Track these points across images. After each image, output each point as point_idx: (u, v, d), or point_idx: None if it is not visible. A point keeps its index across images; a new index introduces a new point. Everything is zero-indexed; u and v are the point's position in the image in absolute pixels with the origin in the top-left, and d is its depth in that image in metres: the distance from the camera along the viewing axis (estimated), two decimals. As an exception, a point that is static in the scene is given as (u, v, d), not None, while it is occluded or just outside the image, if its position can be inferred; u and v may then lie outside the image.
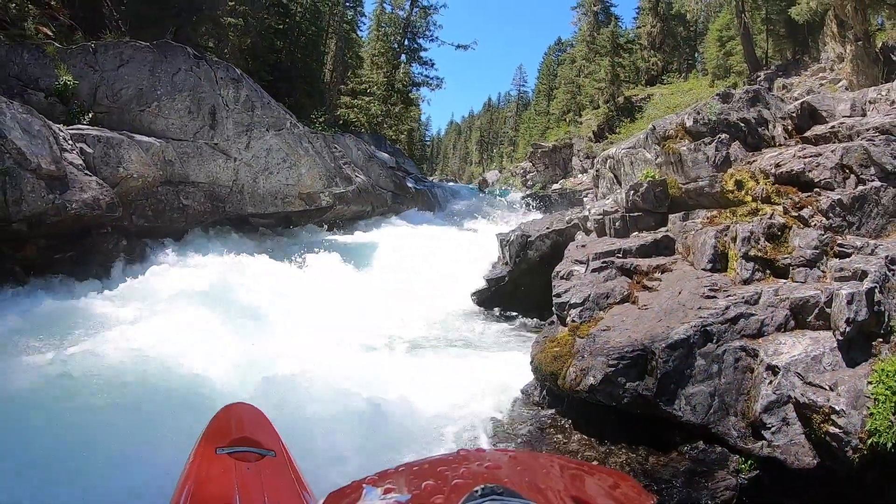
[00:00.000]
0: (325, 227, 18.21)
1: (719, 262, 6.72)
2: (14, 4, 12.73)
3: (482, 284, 11.31)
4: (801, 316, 5.55)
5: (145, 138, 12.67)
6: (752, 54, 33.36)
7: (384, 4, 42.74)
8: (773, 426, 4.91)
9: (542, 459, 1.57)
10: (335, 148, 19.67)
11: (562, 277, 7.75)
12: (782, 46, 32.95)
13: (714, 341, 5.50)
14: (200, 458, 3.27)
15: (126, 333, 7.28)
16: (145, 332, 7.28)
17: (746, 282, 6.27)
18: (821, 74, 26.28)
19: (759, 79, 29.14)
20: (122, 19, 16.90)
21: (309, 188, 16.23)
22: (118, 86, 13.06)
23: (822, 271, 6.01)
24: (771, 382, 5.08)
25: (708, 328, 5.54)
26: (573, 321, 6.73)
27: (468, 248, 14.06)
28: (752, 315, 5.63)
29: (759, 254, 6.37)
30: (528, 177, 50.20)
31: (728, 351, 5.43)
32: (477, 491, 1.28)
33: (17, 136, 9.53)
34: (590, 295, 6.90)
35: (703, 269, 6.75)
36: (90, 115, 12.29)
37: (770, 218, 6.61)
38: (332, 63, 36.94)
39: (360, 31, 44.46)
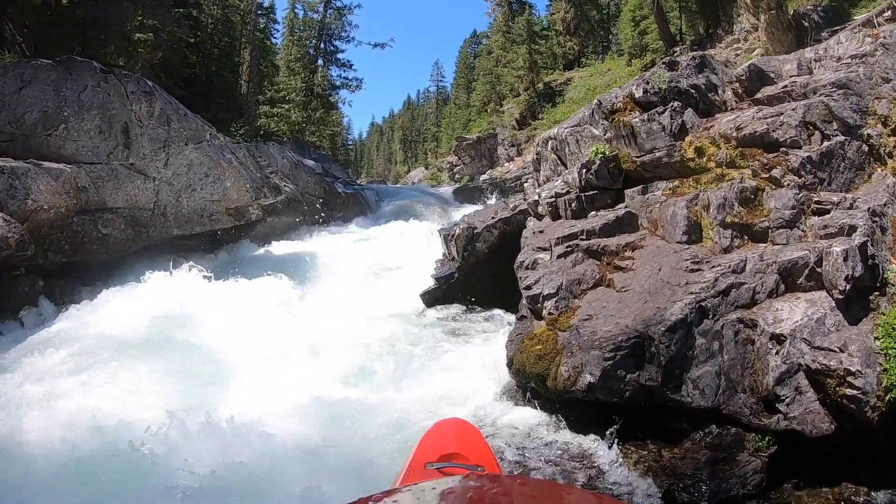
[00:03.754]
0: (258, 242, 17.49)
1: (693, 232, 6.46)
2: None
3: (431, 284, 10.83)
4: (791, 279, 5.36)
5: (54, 165, 11.67)
6: (667, 31, 33.72)
7: (296, 9, 41.95)
8: (786, 397, 4.72)
9: (558, 489, 1.52)
10: (260, 158, 18.94)
11: (527, 268, 7.37)
12: (695, 21, 33.27)
13: (710, 317, 5.25)
14: (410, 473, 3.36)
15: (54, 390, 6.70)
16: (75, 387, 6.74)
17: (727, 250, 6.05)
18: (735, 46, 26.53)
19: (675, 54, 29.35)
20: (25, 42, 15.97)
21: (236, 202, 15.38)
22: (20, 110, 11.96)
23: (803, 231, 5.84)
24: (778, 352, 4.86)
25: (703, 304, 5.29)
26: (549, 313, 6.35)
27: (409, 249, 13.62)
28: (743, 284, 5.39)
29: (736, 220, 6.16)
30: (455, 170, 50.31)
31: (726, 325, 5.19)
32: None
33: None
34: (562, 283, 6.55)
35: (677, 242, 6.47)
36: (-3, 146, 11.28)
37: (741, 182, 6.42)
38: (247, 73, 36.03)
39: (274, 38, 43.77)
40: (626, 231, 7.33)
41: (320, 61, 39.18)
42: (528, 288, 6.82)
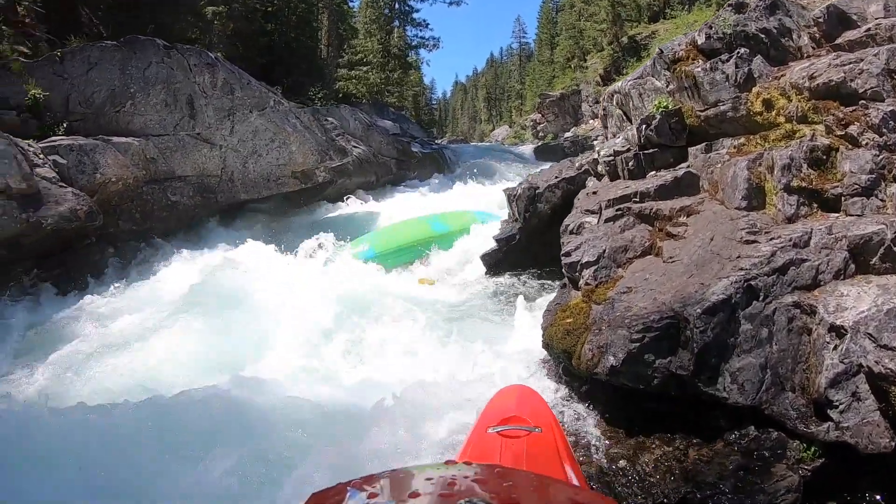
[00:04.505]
0: (329, 202, 17.31)
1: (755, 197, 5.59)
2: (-15, 30, 11.97)
3: (492, 245, 10.24)
4: (864, 258, 4.51)
5: (123, 139, 11.85)
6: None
7: (370, -30, 41.23)
8: (840, 403, 3.89)
9: (531, 477, 1.52)
10: (326, 121, 18.65)
11: (571, 232, 6.79)
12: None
13: (761, 298, 4.43)
14: (473, 437, 3.49)
15: (128, 348, 6.94)
16: (148, 346, 6.95)
17: (791, 219, 5.19)
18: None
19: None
20: (102, 24, 16.16)
21: (302, 165, 15.28)
22: (89, 90, 12.16)
23: (882, 200, 4.92)
24: (836, 348, 4.03)
25: (752, 282, 4.47)
26: (587, 284, 5.68)
27: (478, 208, 13.22)
28: (805, 261, 4.55)
29: (803, 184, 5.26)
30: (538, 128, 49.18)
31: (779, 309, 4.35)
32: (470, 501, 1.20)
33: None
34: (605, 250, 5.86)
35: (736, 208, 5.64)
36: (65, 125, 11.49)
37: (811, 140, 5.47)
38: (327, 38, 35.83)
39: (351, 1, 42.93)
40: (686, 193, 6.53)
41: (396, 22, 38.38)
42: (568, 254, 6.19)
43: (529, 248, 10.02)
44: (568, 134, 39.27)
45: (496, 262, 10.16)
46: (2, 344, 7.75)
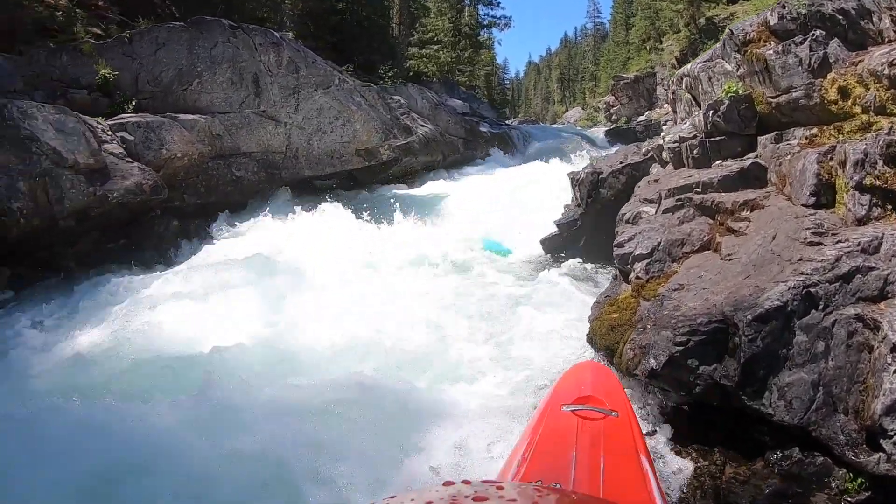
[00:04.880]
0: (394, 181, 17.33)
1: (824, 194, 5.12)
2: (60, 12, 12.45)
3: (553, 230, 9.98)
4: None
5: (189, 116, 12.13)
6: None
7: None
8: (895, 434, 3.46)
9: (531, 490, 1.44)
10: (391, 100, 18.59)
11: (627, 221, 6.57)
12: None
13: (820, 308, 4.02)
14: (545, 413, 3.34)
15: (171, 316, 7.10)
16: (205, 312, 7.19)
17: (861, 221, 4.69)
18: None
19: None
20: (174, 5, 16.62)
21: (366, 143, 15.33)
22: (157, 70, 12.53)
23: None
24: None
25: (812, 289, 4.06)
26: (637, 277, 5.42)
27: (542, 191, 13.07)
28: (873, 269, 4.09)
29: (878, 182, 4.70)
30: (611, 111, 47.93)
31: (839, 322, 3.92)
32: None
33: (51, 136, 9.36)
34: (660, 243, 5.57)
35: (803, 205, 5.18)
36: (134, 103, 11.85)
37: (889, 133, 4.86)
38: (398, 16, 35.90)
39: (424, -21, 42.88)
40: (752, 186, 6.13)
41: (467, 1, 37.90)
42: (620, 245, 5.92)
43: (591, 234, 9.70)
44: (641, 118, 38.27)
45: (556, 248, 9.94)
46: (69, 312, 8.02)
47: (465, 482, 1.45)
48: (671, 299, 4.72)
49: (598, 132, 36.70)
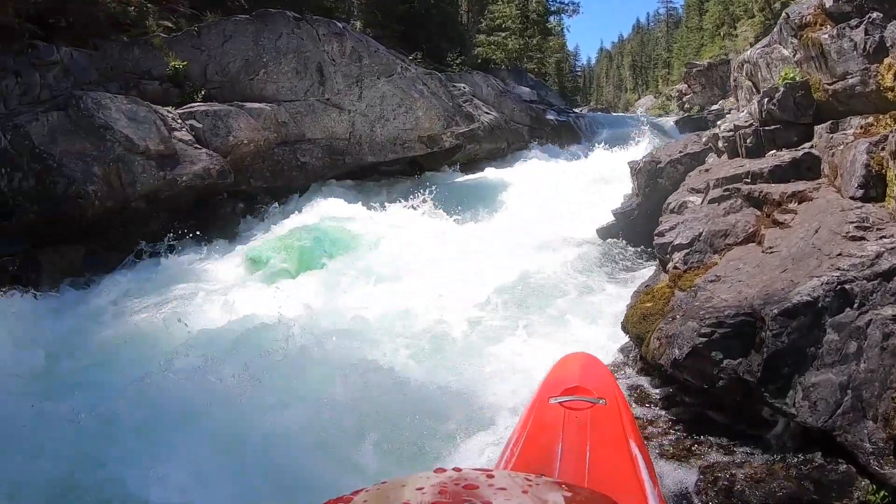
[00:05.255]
0: (459, 168, 17.46)
1: (873, 186, 4.78)
2: (133, 8, 13.14)
3: (610, 219, 9.62)
4: None
5: (256, 105, 12.62)
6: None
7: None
8: None
9: (521, 479, 1.47)
10: (453, 87, 18.66)
11: (671, 210, 6.48)
12: None
13: (855, 306, 3.76)
14: (534, 407, 3.34)
15: (255, 290, 7.65)
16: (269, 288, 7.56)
17: None
18: None
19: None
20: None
21: (428, 130, 15.48)
22: (225, 61, 13.14)
23: None
24: None
25: (847, 286, 3.81)
26: (675, 268, 5.30)
27: (604, 180, 12.92)
28: None
29: None
30: (684, 99, 46.14)
31: (874, 322, 3.64)
32: None
33: (124, 125, 10.01)
34: (701, 233, 5.43)
35: (850, 198, 4.88)
36: (203, 93, 12.48)
37: None
38: (466, 4, 35.75)
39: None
40: (804, 177, 5.83)
41: (534, -14, 37.45)
42: (661, 234, 5.83)
43: (646, 224, 8.84)
44: (714, 107, 36.80)
45: (612, 237, 9.60)
46: (140, 288, 8.42)
47: (456, 469, 1.47)
48: (705, 290, 4.60)
49: (669, 121, 35.81)
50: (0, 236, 8.91)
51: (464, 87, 19.73)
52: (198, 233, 10.16)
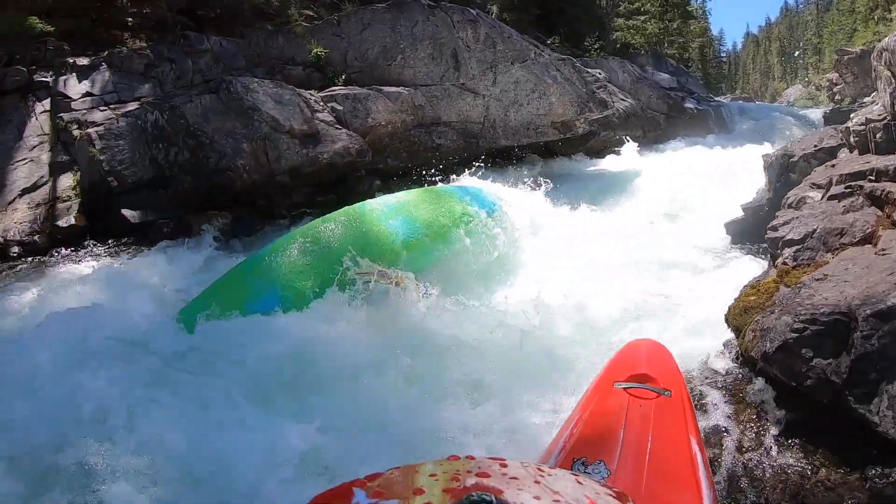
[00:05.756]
0: (593, 155, 17.09)
1: None
2: (275, -1, 14.02)
3: (739, 214, 8.94)
4: None
5: (393, 89, 13.08)
6: None
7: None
8: None
9: (533, 469, 1.50)
10: (587, 73, 18.30)
11: (789, 206, 6.11)
12: None
13: None
14: (598, 389, 3.34)
15: None
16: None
17: None
18: None
19: None
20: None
21: (561, 116, 15.42)
22: (364, 48, 13.78)
23: None
24: None
25: None
26: (784, 263, 5.02)
27: (740, 173, 12.44)
28: None
29: None
30: (834, 90, 41.71)
31: None
32: (472, 497, 1.21)
33: (270, 107, 10.78)
34: (815, 230, 5.07)
35: None
36: (343, 77, 13.14)
37: None
38: (606, -14, 35.09)
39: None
40: None
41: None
42: (774, 229, 5.52)
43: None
44: (867, 99, 33.24)
45: (740, 232, 8.92)
46: None
47: (470, 457, 1.46)
48: (809, 287, 4.29)
49: (818, 113, 33.69)
50: (157, 203, 9.82)
51: (598, 73, 19.29)
52: (337, 206, 10.57)
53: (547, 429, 3.90)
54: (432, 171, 12.43)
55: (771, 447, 3.76)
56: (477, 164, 13.79)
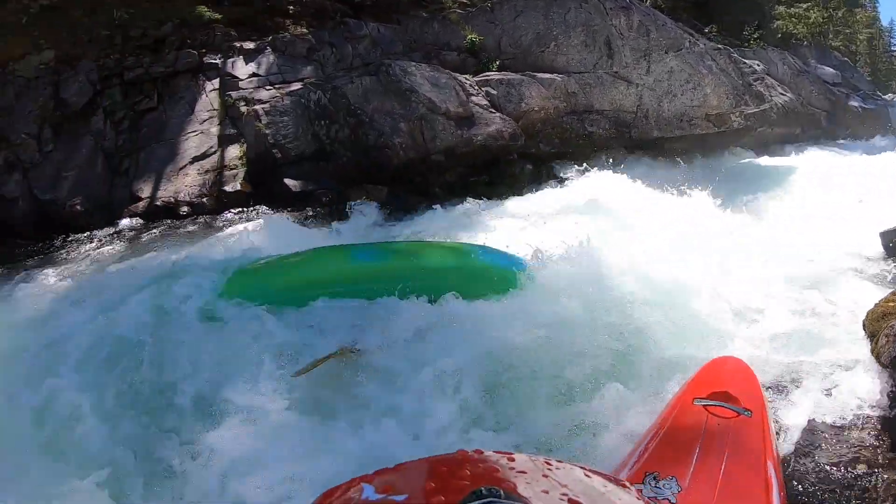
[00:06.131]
0: (747, 150, 16.50)
1: None
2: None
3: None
4: None
5: (546, 75, 13.05)
6: None
7: None
8: None
9: (541, 463, 1.49)
10: (743, 65, 17.33)
11: None
12: None
13: None
14: (677, 404, 3.35)
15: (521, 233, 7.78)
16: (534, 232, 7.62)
17: None
18: None
19: None
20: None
21: (716, 109, 14.80)
22: (517, 34, 13.86)
23: None
24: None
25: None
26: None
27: None
28: None
29: None
30: None
31: None
32: (480, 491, 1.20)
33: (427, 89, 11.15)
34: None
35: None
36: (497, 63, 13.30)
37: None
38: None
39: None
40: None
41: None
42: None
43: None
44: None
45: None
46: (433, 225, 9.17)
47: (478, 451, 1.46)
48: None
49: None
50: (317, 174, 10.46)
51: (756, 65, 18.16)
52: (488, 187, 10.90)
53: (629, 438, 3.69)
54: (581, 160, 12.45)
55: (878, 462, 3.50)
56: (627, 153, 13.89)
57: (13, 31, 11.33)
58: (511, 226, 8.77)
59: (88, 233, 9.31)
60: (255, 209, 9.84)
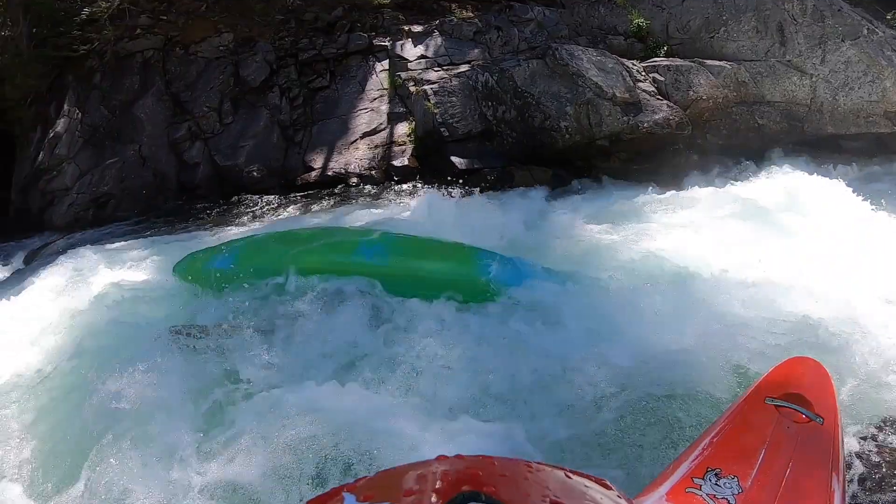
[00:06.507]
0: None
1: None
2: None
3: None
4: None
5: (716, 62, 12.46)
6: None
7: None
8: None
9: (522, 465, 1.46)
10: None
11: None
12: None
13: None
14: (748, 402, 3.27)
15: (681, 232, 7.42)
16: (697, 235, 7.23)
17: None
18: None
19: None
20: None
21: (895, 105, 13.57)
22: (685, 19, 13.33)
23: None
24: None
25: None
26: None
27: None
28: None
29: None
30: None
31: None
32: (462, 495, 1.23)
33: (594, 74, 10.99)
34: None
35: None
36: (665, 49, 12.94)
37: None
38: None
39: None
40: None
41: None
42: None
43: None
44: None
45: None
46: (590, 208, 9.33)
47: (459, 456, 1.44)
48: None
49: None
50: (483, 153, 10.80)
51: None
52: (651, 175, 10.66)
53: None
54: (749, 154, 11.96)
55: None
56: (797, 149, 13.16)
57: (194, 17, 12.42)
58: (687, 223, 8.21)
59: (264, 196, 10.40)
60: (420, 182, 10.45)
